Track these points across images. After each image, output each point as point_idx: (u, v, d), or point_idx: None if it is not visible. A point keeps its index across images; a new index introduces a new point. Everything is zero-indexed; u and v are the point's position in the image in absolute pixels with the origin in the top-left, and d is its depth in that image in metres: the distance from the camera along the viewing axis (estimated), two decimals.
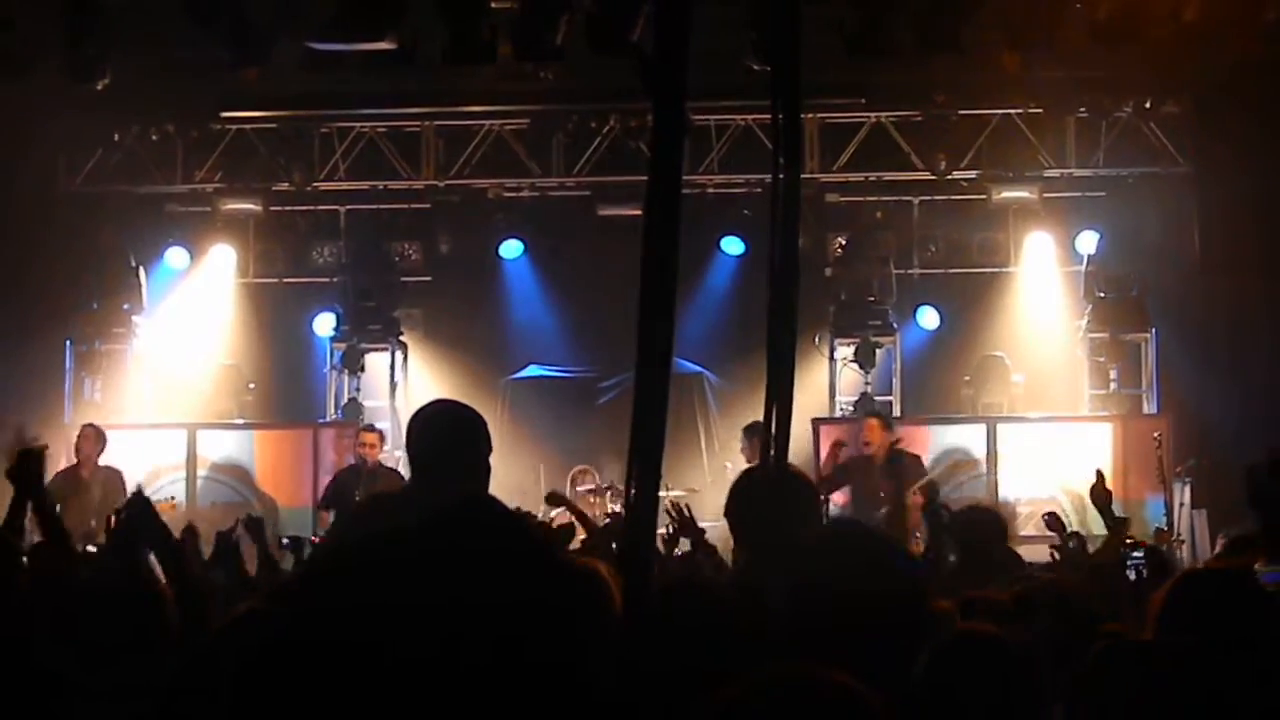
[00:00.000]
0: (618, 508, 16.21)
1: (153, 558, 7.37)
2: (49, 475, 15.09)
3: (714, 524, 9.89)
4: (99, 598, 6.32)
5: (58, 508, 11.23)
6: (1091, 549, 10.70)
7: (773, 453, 2.78)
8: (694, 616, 4.70)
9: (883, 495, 15.95)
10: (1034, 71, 18.10)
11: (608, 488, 18.26)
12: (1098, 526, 11.08)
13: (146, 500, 7.74)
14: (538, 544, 2.45)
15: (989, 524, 10.02)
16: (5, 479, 7.86)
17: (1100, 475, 10.47)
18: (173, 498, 17.97)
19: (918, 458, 17.12)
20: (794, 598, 4.51)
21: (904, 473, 16.52)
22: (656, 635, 4.34)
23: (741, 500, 6.23)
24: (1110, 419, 19.32)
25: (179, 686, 5.40)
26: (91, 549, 13.24)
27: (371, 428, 17.87)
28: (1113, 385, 20.00)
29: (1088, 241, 20.02)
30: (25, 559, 7.36)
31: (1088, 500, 10.67)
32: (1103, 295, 19.79)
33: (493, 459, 6.30)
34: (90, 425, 17.76)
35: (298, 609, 2.44)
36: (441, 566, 2.33)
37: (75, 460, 17.31)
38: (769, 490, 5.96)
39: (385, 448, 17.65)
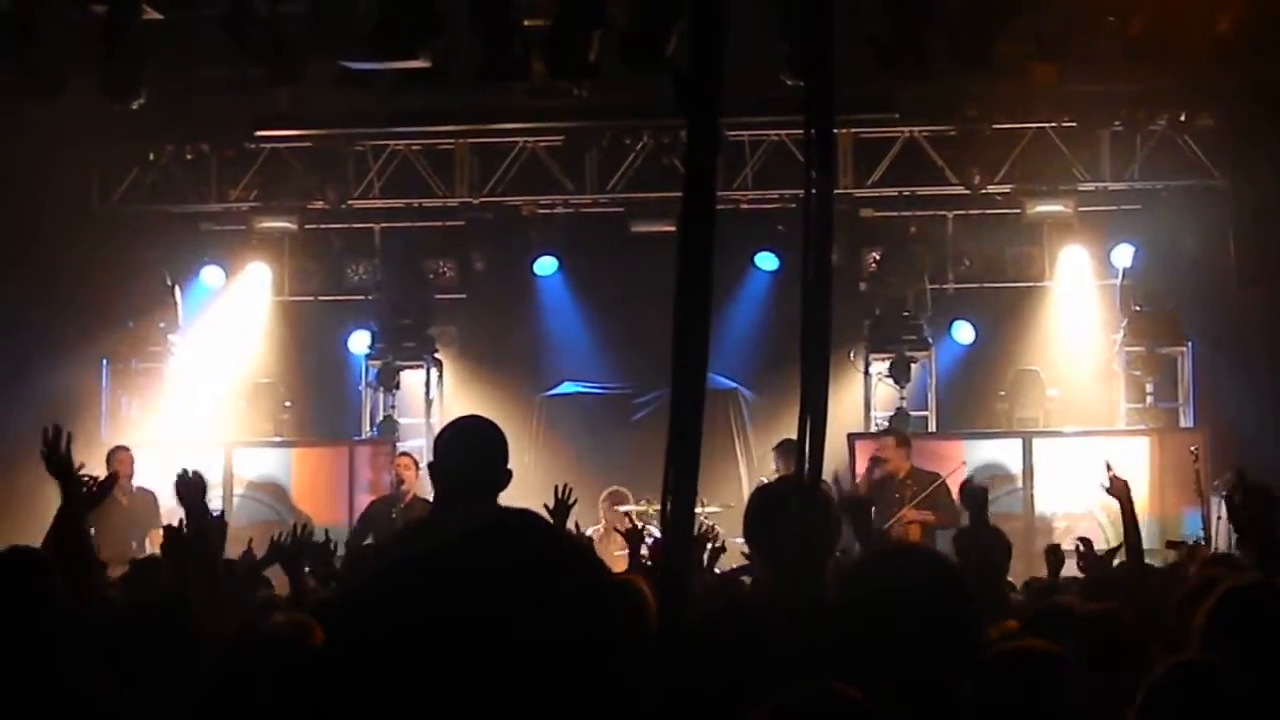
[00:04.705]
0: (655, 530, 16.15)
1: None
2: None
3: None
4: (126, 617, 6.34)
5: (92, 530, 11.27)
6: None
7: (807, 468, 2.78)
8: (734, 638, 4.71)
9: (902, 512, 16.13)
10: (1068, 85, 18.08)
11: (642, 511, 18.07)
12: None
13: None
14: (579, 560, 2.44)
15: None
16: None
17: (1109, 465, 10.25)
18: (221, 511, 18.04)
19: (936, 475, 17.11)
20: (844, 612, 4.51)
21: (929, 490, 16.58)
22: (696, 656, 4.35)
23: (758, 517, 6.19)
24: (1147, 433, 19.26)
25: (210, 702, 5.41)
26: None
27: (407, 454, 17.87)
28: (1149, 399, 19.93)
29: (1123, 255, 19.97)
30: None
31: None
32: (1139, 309, 19.73)
33: (528, 475, 6.31)
34: (122, 447, 17.78)
35: (338, 631, 2.44)
36: (481, 584, 2.33)
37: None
38: (785, 507, 5.95)
39: (421, 469, 17.66)
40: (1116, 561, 10.33)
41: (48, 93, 16.33)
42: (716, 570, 11.05)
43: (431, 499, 9.06)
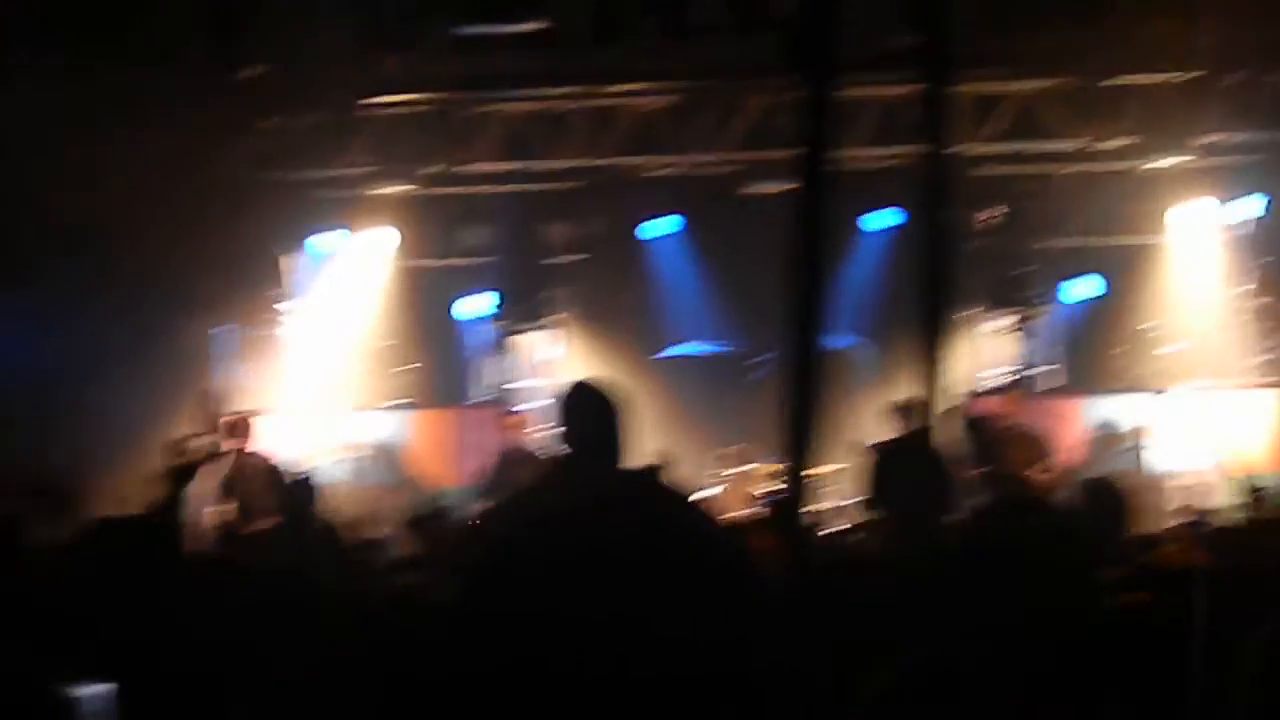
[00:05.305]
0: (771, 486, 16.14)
1: None
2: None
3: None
4: (246, 582, 6.39)
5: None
6: None
7: (923, 426, 2.76)
8: (853, 592, 4.70)
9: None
10: (1185, 36, 17.85)
11: (761, 470, 18.08)
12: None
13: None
14: (707, 518, 2.43)
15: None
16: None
17: None
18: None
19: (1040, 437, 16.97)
20: (971, 560, 4.50)
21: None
22: (817, 610, 4.34)
23: (875, 474, 6.16)
24: (1273, 385, 19.04)
25: (341, 665, 5.44)
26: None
27: (518, 411, 17.94)
28: (1277, 351, 19.70)
29: (1248, 206, 19.70)
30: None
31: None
32: (1267, 260, 19.50)
33: (645, 437, 6.34)
34: (242, 413, 17.92)
35: (479, 590, 2.44)
36: (617, 542, 2.32)
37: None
38: (901, 464, 5.94)
39: (529, 428, 17.73)
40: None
41: (161, 63, 16.45)
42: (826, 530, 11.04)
43: (541, 456, 9.06)
